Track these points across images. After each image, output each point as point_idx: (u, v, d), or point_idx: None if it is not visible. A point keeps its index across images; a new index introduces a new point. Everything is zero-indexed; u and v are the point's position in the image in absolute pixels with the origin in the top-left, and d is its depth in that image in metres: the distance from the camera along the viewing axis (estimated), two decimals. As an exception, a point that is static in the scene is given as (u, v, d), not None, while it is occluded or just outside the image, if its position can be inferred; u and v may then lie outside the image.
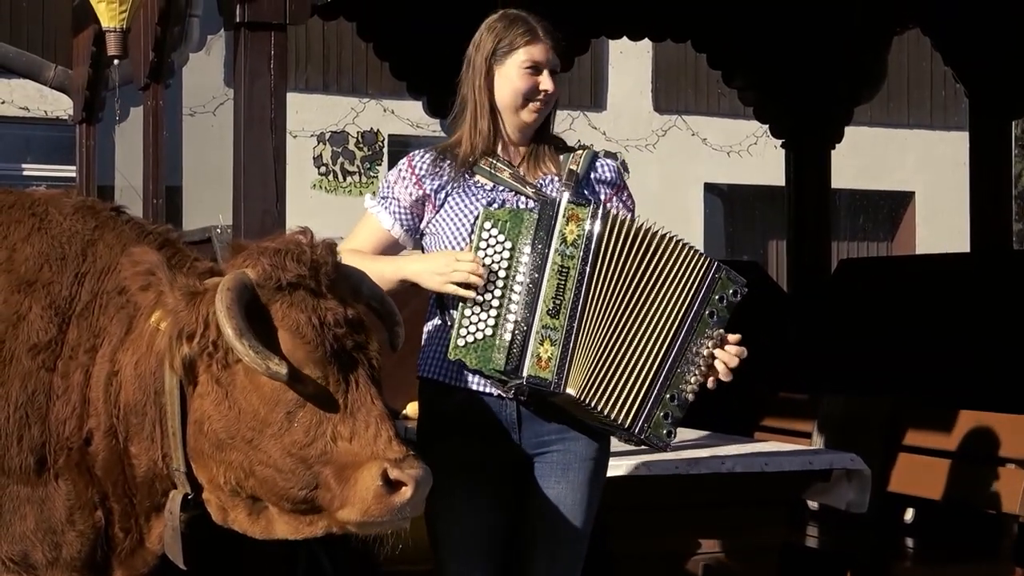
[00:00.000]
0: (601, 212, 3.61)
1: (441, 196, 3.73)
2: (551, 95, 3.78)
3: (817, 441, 6.39)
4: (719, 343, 3.64)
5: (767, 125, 9.06)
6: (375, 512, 3.09)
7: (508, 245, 3.60)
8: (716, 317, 3.64)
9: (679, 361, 3.61)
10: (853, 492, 4.92)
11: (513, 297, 3.57)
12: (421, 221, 3.77)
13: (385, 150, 17.29)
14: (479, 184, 3.73)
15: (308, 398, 3.13)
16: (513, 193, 3.72)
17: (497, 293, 3.58)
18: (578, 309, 3.57)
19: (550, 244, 3.57)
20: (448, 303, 3.67)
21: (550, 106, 3.80)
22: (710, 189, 18.73)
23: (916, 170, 19.25)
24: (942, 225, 18.45)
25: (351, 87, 17.03)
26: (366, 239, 3.77)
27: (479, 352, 3.57)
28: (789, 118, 8.75)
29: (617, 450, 3.90)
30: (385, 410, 3.18)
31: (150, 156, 6.88)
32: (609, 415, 3.58)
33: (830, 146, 8.76)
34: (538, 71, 3.74)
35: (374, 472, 3.07)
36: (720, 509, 4.83)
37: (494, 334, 3.57)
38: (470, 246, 3.62)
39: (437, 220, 3.74)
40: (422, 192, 3.74)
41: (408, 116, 16.31)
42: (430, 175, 3.74)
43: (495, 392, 3.67)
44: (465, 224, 3.69)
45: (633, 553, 4.75)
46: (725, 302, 3.65)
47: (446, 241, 3.72)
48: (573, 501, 3.73)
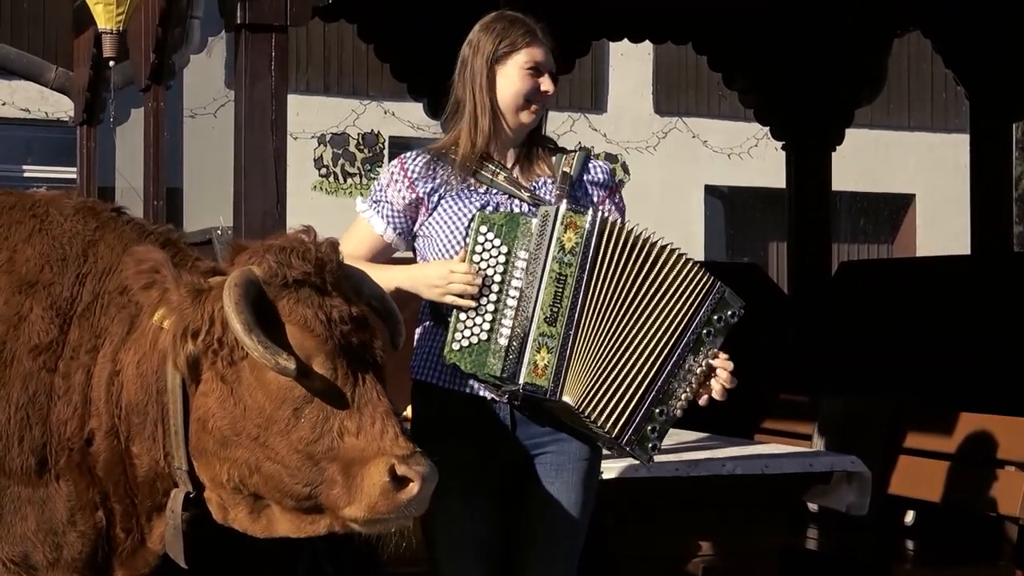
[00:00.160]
0: (600, 220, 3.59)
1: (434, 199, 3.72)
2: (550, 97, 3.79)
3: (817, 443, 6.39)
4: (711, 361, 3.63)
5: (768, 127, 9.06)
6: (382, 508, 3.10)
7: (504, 250, 3.59)
8: (712, 336, 3.62)
9: (672, 377, 3.60)
10: (853, 494, 4.93)
11: (509, 302, 3.57)
12: (414, 224, 3.76)
13: (386, 152, 17.28)
14: (472, 187, 3.72)
15: (315, 394, 3.13)
16: (507, 196, 3.71)
17: (492, 298, 3.58)
18: (575, 318, 3.56)
19: (548, 251, 3.56)
20: (442, 306, 3.66)
21: (546, 108, 3.80)
22: (711, 191, 18.72)
23: (917, 172, 19.23)
24: (942, 227, 18.44)
25: (352, 89, 17.02)
26: (359, 243, 3.76)
27: (474, 356, 3.57)
28: (790, 120, 8.75)
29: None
30: (391, 406, 3.19)
31: (151, 157, 6.88)
32: (600, 424, 3.58)
33: (831, 148, 8.76)
34: (539, 72, 3.74)
35: (381, 468, 3.08)
36: (720, 511, 4.82)
37: (489, 339, 3.56)
38: (465, 251, 3.62)
39: (430, 223, 3.73)
40: (415, 195, 3.73)
41: (409, 118, 16.29)
42: (423, 177, 3.73)
43: (489, 395, 3.67)
44: (459, 227, 3.68)
45: (633, 555, 4.75)
46: (723, 322, 3.63)
47: (440, 245, 3.71)
48: (568, 501, 3.74)
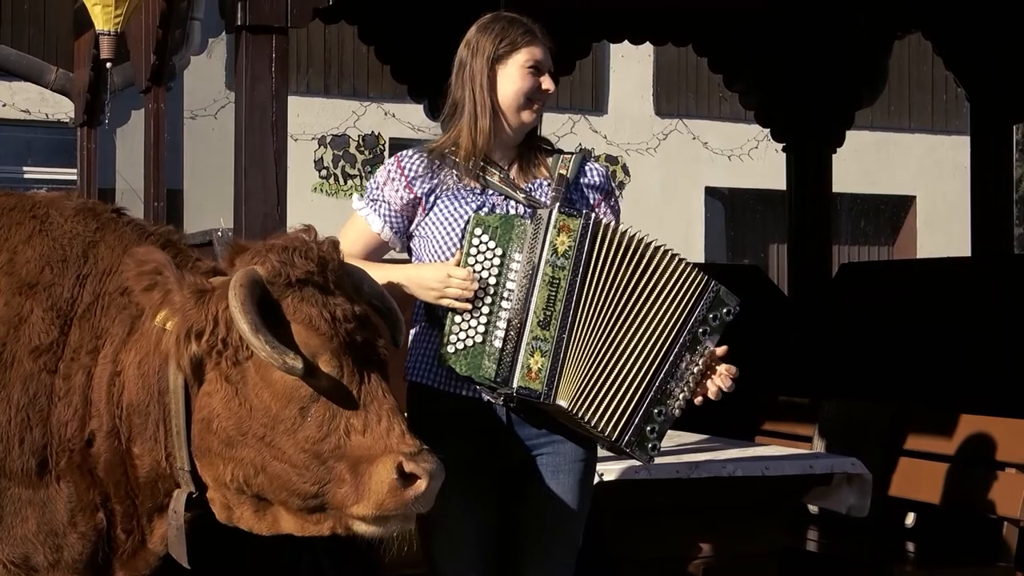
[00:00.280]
0: (592, 223, 3.58)
1: (431, 199, 3.72)
2: (549, 97, 3.79)
3: (818, 445, 6.39)
4: (708, 359, 3.63)
5: (768, 129, 9.05)
6: (390, 505, 3.10)
7: (499, 252, 3.59)
8: (708, 335, 3.62)
9: (669, 377, 3.60)
10: (854, 496, 4.93)
11: (503, 304, 3.57)
12: (411, 223, 3.76)
13: (386, 153, 17.26)
14: (469, 187, 3.72)
15: (321, 392, 3.14)
16: (503, 198, 3.71)
17: (487, 300, 3.58)
18: (568, 321, 3.56)
19: (541, 255, 3.56)
20: (436, 308, 3.66)
21: (543, 108, 3.81)
22: (711, 193, 18.70)
23: (917, 174, 19.22)
24: (943, 229, 18.44)
25: (352, 90, 17.01)
26: (354, 241, 3.75)
27: (468, 359, 3.57)
28: (790, 122, 8.73)
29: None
30: (396, 404, 3.19)
31: (151, 159, 6.87)
32: (597, 426, 3.58)
33: (831, 150, 8.74)
34: (540, 71, 3.74)
35: (389, 466, 3.08)
36: (721, 513, 4.83)
37: (484, 341, 3.56)
38: (461, 253, 3.62)
39: (426, 223, 3.73)
40: (413, 195, 3.73)
41: (409, 119, 16.28)
42: (420, 177, 3.73)
43: (484, 397, 3.67)
44: (455, 228, 3.68)
45: (634, 557, 4.75)
46: (718, 320, 3.63)
47: (436, 245, 3.71)
48: (564, 502, 3.74)
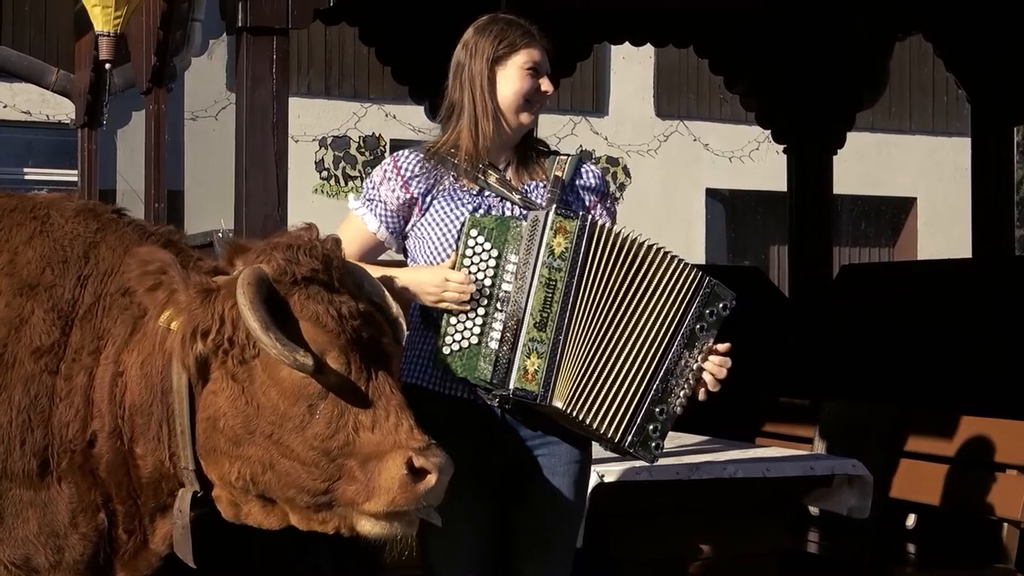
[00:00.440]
0: (588, 224, 3.59)
1: (428, 200, 3.72)
2: (547, 98, 3.80)
3: (819, 446, 6.39)
4: (707, 355, 3.63)
5: (769, 130, 9.05)
6: (400, 501, 3.11)
7: (495, 254, 3.60)
8: (706, 331, 3.62)
9: (669, 375, 3.60)
10: (855, 498, 4.93)
11: (499, 306, 3.58)
12: (407, 224, 3.77)
13: (387, 155, 17.22)
14: (465, 189, 3.72)
15: (330, 389, 3.14)
16: (499, 199, 3.71)
17: (484, 302, 3.59)
18: (564, 322, 3.56)
19: (537, 256, 3.56)
20: (432, 310, 3.66)
21: (541, 110, 3.81)
22: (712, 194, 18.70)
23: (918, 176, 19.22)
24: (944, 231, 18.43)
25: (353, 91, 17.01)
26: (350, 240, 3.73)
27: (465, 360, 3.58)
28: (791, 123, 8.74)
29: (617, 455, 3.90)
30: (404, 399, 3.19)
31: (152, 160, 6.88)
32: (597, 428, 3.58)
33: (832, 151, 8.74)
34: (538, 73, 3.75)
35: (399, 461, 3.09)
36: (721, 514, 4.82)
37: (480, 343, 3.57)
38: (456, 255, 3.62)
39: (422, 224, 3.73)
40: (409, 195, 3.73)
41: (410, 121, 16.28)
42: (417, 177, 3.73)
43: (480, 398, 3.67)
44: (451, 230, 3.68)
45: (634, 558, 4.75)
46: (715, 316, 3.63)
47: (431, 246, 3.71)
48: (561, 503, 3.74)
